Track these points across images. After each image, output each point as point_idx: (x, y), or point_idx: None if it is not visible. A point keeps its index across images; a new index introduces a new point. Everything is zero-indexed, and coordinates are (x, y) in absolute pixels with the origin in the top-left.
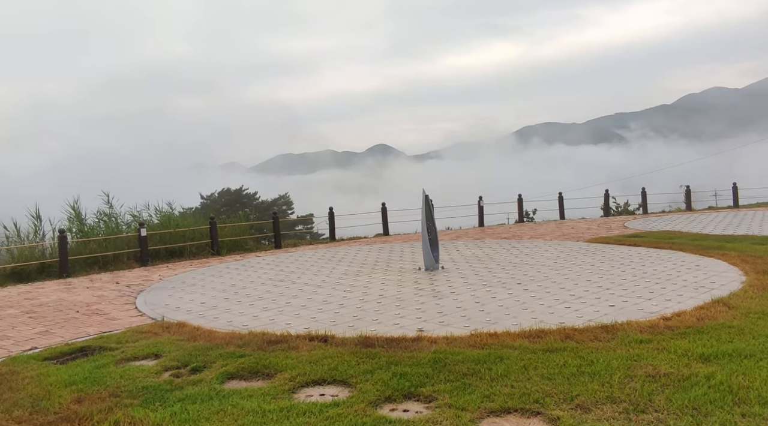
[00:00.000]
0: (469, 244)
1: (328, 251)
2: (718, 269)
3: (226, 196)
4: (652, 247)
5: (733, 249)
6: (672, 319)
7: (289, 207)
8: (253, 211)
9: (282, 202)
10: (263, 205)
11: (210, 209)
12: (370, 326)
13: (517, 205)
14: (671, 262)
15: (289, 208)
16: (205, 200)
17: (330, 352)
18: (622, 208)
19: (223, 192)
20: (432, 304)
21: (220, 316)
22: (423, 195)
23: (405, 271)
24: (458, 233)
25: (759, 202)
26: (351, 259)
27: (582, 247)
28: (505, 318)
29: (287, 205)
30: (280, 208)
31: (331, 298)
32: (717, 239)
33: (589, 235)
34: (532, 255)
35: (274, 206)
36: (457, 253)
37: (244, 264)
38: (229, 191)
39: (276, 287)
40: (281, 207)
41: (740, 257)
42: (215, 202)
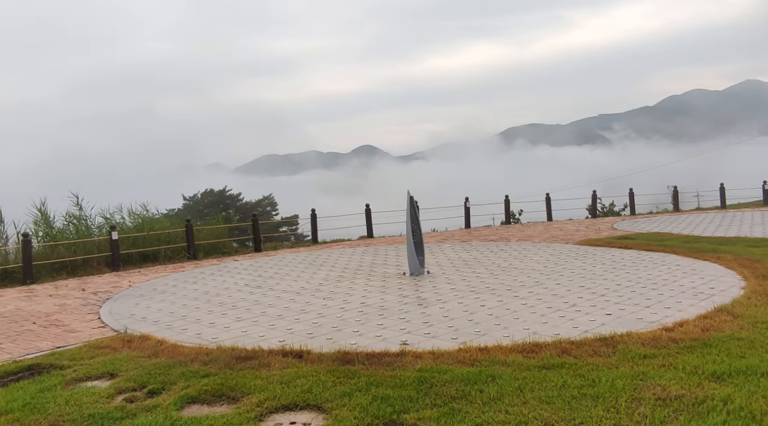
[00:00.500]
0: (456, 246)
1: (309, 255)
2: (716, 273)
3: (210, 198)
4: (644, 250)
5: (728, 252)
6: (675, 329)
7: (274, 208)
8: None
9: (266, 203)
10: (247, 206)
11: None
12: (351, 339)
13: (504, 206)
14: (665, 265)
15: (273, 210)
16: (188, 201)
17: (304, 370)
18: (608, 209)
19: (206, 193)
20: (417, 314)
21: (189, 328)
22: (407, 196)
23: (389, 277)
24: (444, 235)
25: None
26: (333, 263)
27: (572, 249)
28: (495, 329)
29: (271, 207)
30: (264, 210)
31: (310, 307)
32: (710, 241)
33: (578, 237)
34: (521, 259)
35: (258, 207)
36: (444, 257)
37: (220, 269)
38: (213, 192)
39: (252, 294)
40: (265, 208)
41: (737, 261)
42: (198, 204)
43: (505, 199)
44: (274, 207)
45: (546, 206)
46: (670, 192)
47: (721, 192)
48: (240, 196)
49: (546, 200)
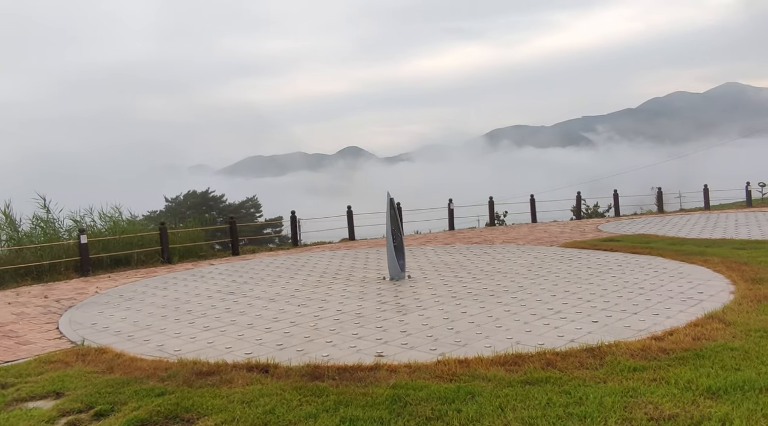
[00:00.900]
0: (439, 249)
1: (288, 258)
2: (704, 277)
3: (192, 199)
4: (630, 253)
5: (715, 254)
6: (664, 338)
7: (258, 210)
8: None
9: (250, 204)
10: (230, 207)
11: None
12: (323, 350)
13: (488, 207)
14: (652, 269)
15: (257, 211)
16: (170, 203)
17: (269, 387)
18: (592, 210)
19: (189, 195)
20: (395, 322)
21: (152, 338)
22: (388, 198)
23: (368, 282)
24: (428, 237)
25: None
26: (311, 268)
27: (557, 252)
28: (476, 338)
29: (255, 208)
30: (248, 211)
31: (283, 315)
32: (696, 243)
33: (563, 239)
34: (504, 262)
35: (242, 209)
36: (426, 260)
37: (194, 273)
38: (195, 194)
39: (223, 301)
40: (249, 210)
41: (724, 264)
42: (181, 205)
43: (489, 201)
44: (258, 209)
45: (530, 208)
46: (654, 193)
47: (705, 193)
48: (223, 198)
49: (530, 202)
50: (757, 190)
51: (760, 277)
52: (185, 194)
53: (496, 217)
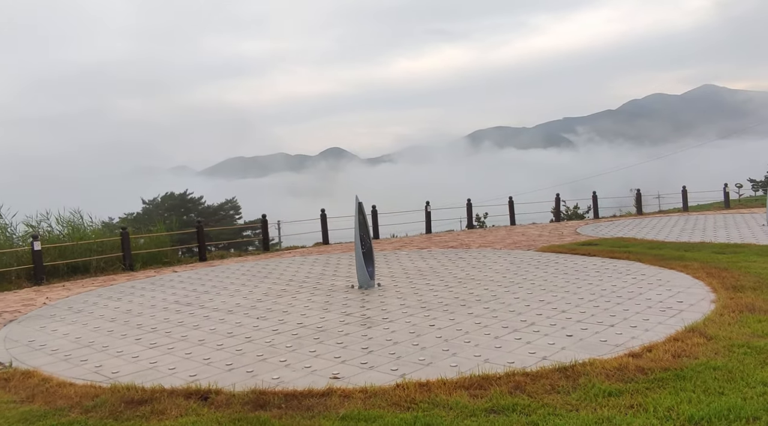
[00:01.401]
0: (413, 254)
1: (256, 264)
2: (683, 284)
3: (170, 201)
4: (608, 257)
5: (694, 259)
6: (643, 355)
7: (237, 212)
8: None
9: (229, 206)
10: (209, 210)
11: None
12: (275, 371)
13: (466, 210)
14: (630, 275)
15: (236, 213)
16: (148, 205)
17: (206, 419)
18: (572, 212)
19: (167, 196)
20: (358, 337)
21: (91, 358)
22: (356, 203)
23: (336, 290)
24: (403, 241)
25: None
26: (279, 275)
27: (533, 257)
28: (442, 356)
29: (235, 210)
30: (227, 213)
31: (239, 329)
32: (675, 247)
33: (541, 242)
34: (479, 268)
35: (221, 211)
36: (398, 266)
37: (154, 282)
38: (173, 196)
39: (178, 313)
40: (228, 212)
41: (704, 269)
42: (158, 208)
43: (467, 203)
44: (237, 210)
45: (509, 210)
46: (633, 195)
47: (684, 195)
48: (202, 200)
49: (509, 204)
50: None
51: (740, 284)
52: (163, 196)
53: (477, 219)
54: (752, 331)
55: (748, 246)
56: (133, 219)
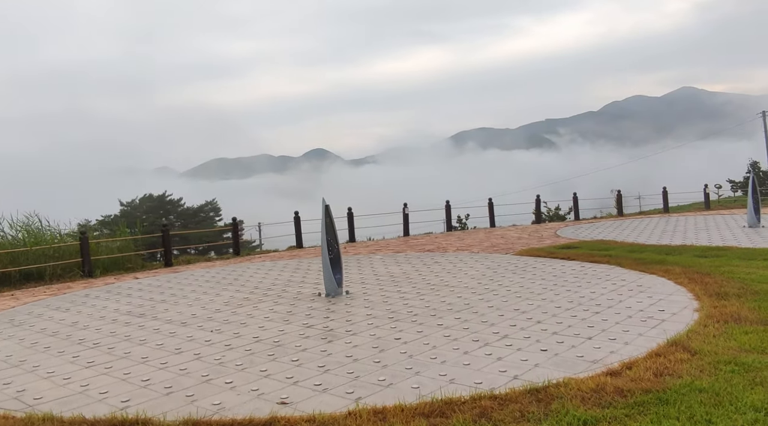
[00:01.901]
0: (388, 258)
1: (223, 270)
2: (665, 291)
3: (149, 203)
4: (588, 261)
5: (676, 263)
6: (622, 373)
7: (217, 213)
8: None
9: (209, 208)
10: (189, 211)
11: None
12: (218, 395)
13: (445, 212)
14: (610, 281)
15: (216, 215)
16: (126, 207)
17: None
18: (554, 213)
19: (145, 198)
20: (316, 353)
21: (15, 381)
22: (323, 205)
23: (301, 299)
24: (380, 245)
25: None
26: (244, 281)
27: (511, 261)
28: (404, 375)
29: (215, 212)
30: (207, 215)
31: (188, 345)
32: (656, 251)
33: (520, 245)
34: (454, 273)
35: (201, 213)
36: (371, 272)
37: (111, 290)
38: (152, 197)
39: (127, 326)
40: (208, 214)
41: (686, 274)
42: (137, 209)
43: (446, 205)
44: (217, 212)
45: (489, 212)
46: (614, 196)
47: (664, 196)
48: (181, 201)
49: (489, 206)
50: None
51: (724, 291)
52: (141, 197)
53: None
54: (739, 344)
55: (730, 249)
56: (111, 221)
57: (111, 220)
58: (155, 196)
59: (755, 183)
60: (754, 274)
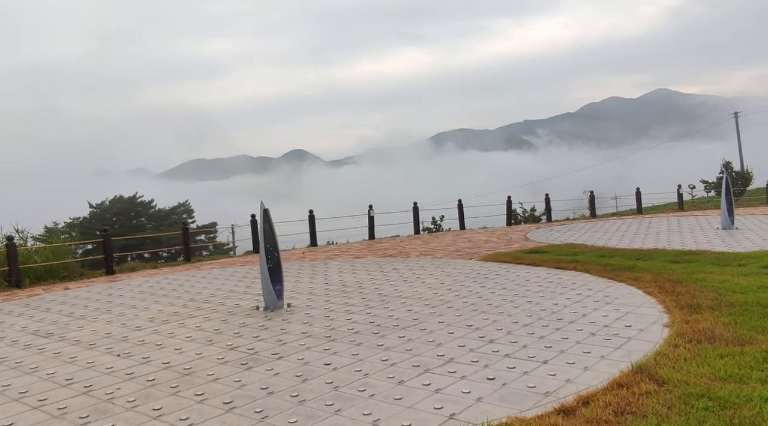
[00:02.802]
0: (345, 265)
1: (165, 279)
2: (633, 302)
3: (119, 205)
4: (554, 267)
5: (646, 270)
6: (576, 412)
7: (190, 215)
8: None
9: (182, 210)
10: (160, 213)
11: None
12: None
13: (413, 214)
14: (575, 290)
15: (189, 217)
16: (95, 209)
17: None
18: (529, 214)
19: (116, 200)
20: (228, 383)
21: None
22: (261, 208)
23: (236, 313)
24: (340, 249)
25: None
26: (182, 292)
27: (473, 268)
28: (321, 414)
29: (188, 214)
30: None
31: (84, 373)
32: (626, 255)
33: (486, 249)
34: (411, 282)
35: (173, 215)
36: (322, 280)
37: (30, 303)
38: (122, 199)
39: (25, 350)
40: (181, 216)
41: (656, 282)
42: (107, 212)
43: (414, 207)
44: (190, 214)
45: (458, 214)
46: (587, 197)
47: (637, 197)
48: (152, 203)
49: (458, 207)
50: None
51: (696, 302)
52: (111, 199)
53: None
54: (712, 370)
55: (703, 253)
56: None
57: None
58: (126, 198)
59: (728, 184)
60: (728, 282)
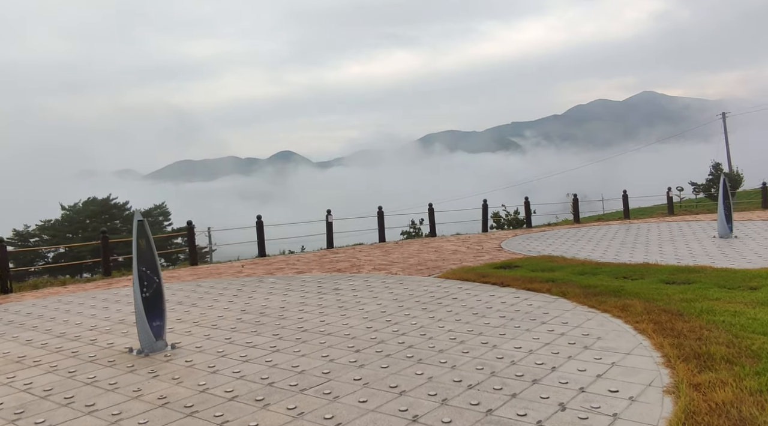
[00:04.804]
0: (281, 282)
1: (59, 300)
2: (621, 347)
3: (92, 207)
4: (525, 288)
5: (637, 294)
6: None
7: (167, 218)
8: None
9: (158, 212)
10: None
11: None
12: None
13: (378, 221)
14: (547, 324)
15: (166, 219)
16: (68, 211)
17: None
18: (512, 218)
19: (89, 202)
20: None
21: None
22: (135, 220)
23: (98, 359)
24: (289, 261)
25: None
26: (59, 322)
27: (429, 288)
28: None
29: (164, 216)
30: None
31: None
32: (612, 272)
33: (451, 262)
34: (348, 307)
35: (149, 217)
36: (241, 305)
37: None
38: (96, 201)
39: None
40: (157, 218)
41: (650, 314)
42: (80, 214)
43: (378, 212)
44: (167, 216)
45: (429, 219)
46: (570, 200)
47: (624, 200)
48: (127, 205)
49: (429, 212)
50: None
51: (707, 350)
52: (84, 201)
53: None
54: None
55: (703, 270)
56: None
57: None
58: (99, 200)
59: (726, 187)
60: (742, 315)
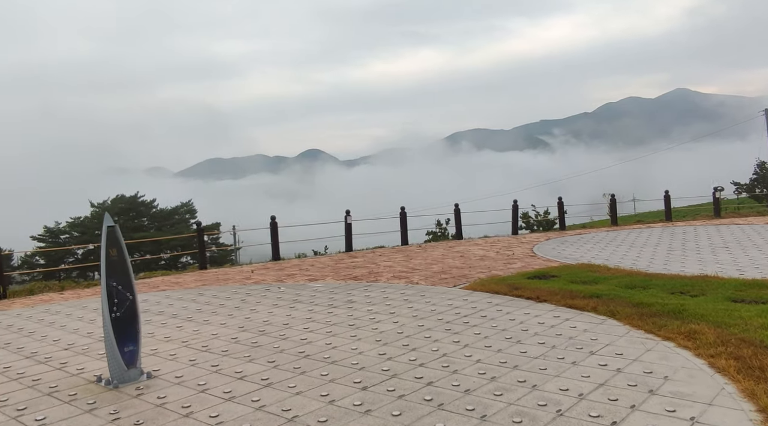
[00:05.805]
0: (289, 292)
1: (46, 311)
2: (698, 395)
3: (120, 204)
4: (565, 305)
5: (703, 316)
6: None
7: (192, 215)
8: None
9: (184, 210)
10: (162, 213)
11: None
12: None
13: (400, 222)
14: (596, 356)
15: (192, 217)
16: (97, 209)
17: None
18: (542, 218)
19: (117, 199)
20: None
21: None
22: (104, 225)
23: (57, 392)
24: (302, 266)
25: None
26: (35, 339)
27: (454, 302)
28: None
29: (190, 214)
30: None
31: None
32: (665, 286)
33: (479, 269)
34: (359, 327)
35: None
36: (240, 321)
37: None
38: (123, 198)
39: None
40: (184, 216)
41: (726, 347)
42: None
43: (401, 213)
44: (192, 214)
45: (455, 220)
46: (607, 200)
47: (666, 202)
48: (154, 203)
49: (455, 213)
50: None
51: None
52: (113, 199)
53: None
54: None
55: None
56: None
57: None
58: (127, 197)
59: None
60: None
